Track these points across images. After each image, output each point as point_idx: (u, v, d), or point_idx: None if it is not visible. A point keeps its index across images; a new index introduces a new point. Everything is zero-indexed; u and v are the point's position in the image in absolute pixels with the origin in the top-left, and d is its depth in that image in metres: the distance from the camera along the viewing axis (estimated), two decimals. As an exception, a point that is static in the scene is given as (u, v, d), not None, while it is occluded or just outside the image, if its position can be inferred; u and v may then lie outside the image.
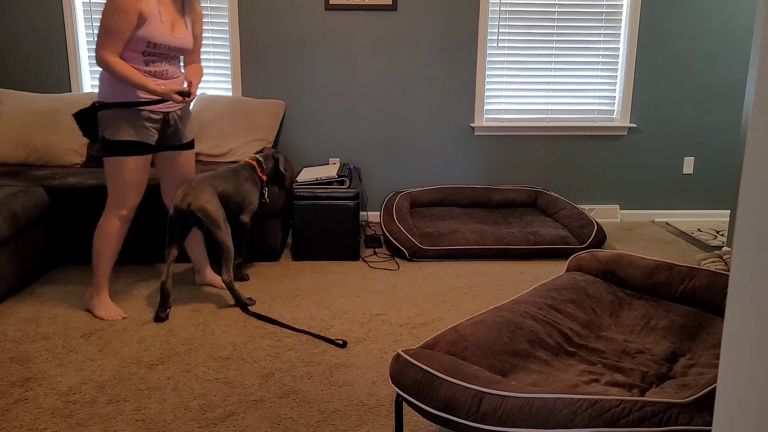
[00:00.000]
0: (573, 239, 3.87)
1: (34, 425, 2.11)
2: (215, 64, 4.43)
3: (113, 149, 2.81)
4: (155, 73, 2.81)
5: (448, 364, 1.80)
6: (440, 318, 2.98)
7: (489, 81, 4.58)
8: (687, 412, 1.56)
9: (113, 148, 2.80)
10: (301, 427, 2.10)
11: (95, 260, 2.96)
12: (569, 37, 4.54)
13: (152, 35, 2.72)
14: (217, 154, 4.14)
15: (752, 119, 0.84)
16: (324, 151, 4.58)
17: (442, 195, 4.53)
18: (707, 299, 2.32)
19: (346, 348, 2.67)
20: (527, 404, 1.62)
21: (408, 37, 4.45)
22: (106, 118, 2.79)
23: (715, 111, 4.68)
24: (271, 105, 4.31)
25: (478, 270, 3.64)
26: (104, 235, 2.92)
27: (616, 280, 2.51)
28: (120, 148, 2.80)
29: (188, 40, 2.87)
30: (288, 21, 4.36)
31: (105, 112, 2.78)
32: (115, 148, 2.80)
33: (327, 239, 3.76)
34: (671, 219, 4.80)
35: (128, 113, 2.79)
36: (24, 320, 2.91)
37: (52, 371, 2.46)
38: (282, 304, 3.11)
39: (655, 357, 2.00)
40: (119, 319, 2.93)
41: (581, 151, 4.69)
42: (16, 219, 3.09)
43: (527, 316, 2.12)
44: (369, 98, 4.52)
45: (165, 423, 2.13)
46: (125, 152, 2.82)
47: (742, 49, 4.57)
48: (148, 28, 2.70)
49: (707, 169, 4.78)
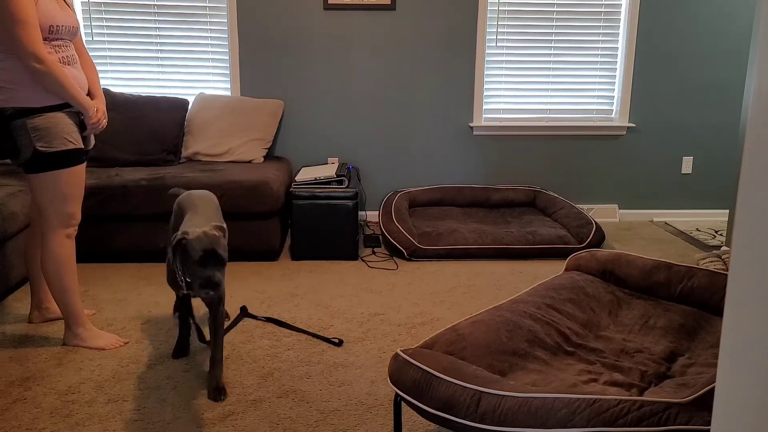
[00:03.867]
0: (572, 239, 3.87)
1: (32, 425, 2.11)
2: (214, 63, 4.43)
3: (51, 162, 2.42)
4: (64, 60, 2.44)
5: (447, 364, 1.80)
6: (439, 317, 2.99)
7: (488, 81, 4.58)
8: (686, 411, 1.56)
9: (51, 161, 2.41)
10: (300, 427, 2.10)
11: (62, 296, 2.58)
12: (568, 37, 4.54)
13: (51, 16, 2.36)
14: (215, 154, 4.14)
15: (751, 119, 0.84)
16: (323, 150, 4.58)
17: (441, 195, 4.53)
18: (706, 299, 2.32)
19: (344, 348, 2.67)
20: (526, 404, 1.62)
21: (407, 37, 4.45)
22: (37, 126, 2.37)
23: (714, 111, 4.68)
24: (269, 104, 4.31)
25: (476, 270, 3.64)
26: (62, 261, 2.54)
27: (615, 279, 2.51)
28: (60, 159, 2.43)
29: (76, 19, 2.54)
30: (287, 20, 4.36)
31: (32, 119, 2.37)
32: (55, 160, 2.42)
33: (326, 239, 3.76)
34: (670, 218, 4.80)
35: (63, 117, 2.43)
36: (23, 320, 2.91)
37: (50, 371, 2.45)
38: (281, 304, 3.11)
39: (654, 356, 2.00)
40: (122, 344, 2.67)
41: (580, 150, 4.70)
42: (15, 218, 3.08)
43: (526, 315, 2.12)
44: (368, 98, 4.52)
45: (164, 423, 2.13)
46: (67, 163, 2.45)
47: (741, 49, 4.57)
48: (45, 8, 2.34)
49: (706, 169, 4.78)
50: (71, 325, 2.64)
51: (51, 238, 2.53)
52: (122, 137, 3.93)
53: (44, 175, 2.43)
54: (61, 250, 2.54)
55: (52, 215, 2.50)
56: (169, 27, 4.34)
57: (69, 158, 2.46)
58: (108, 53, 4.34)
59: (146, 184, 3.56)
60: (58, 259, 2.54)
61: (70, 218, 2.55)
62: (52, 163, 2.43)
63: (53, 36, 2.39)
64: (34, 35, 2.28)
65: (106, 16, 4.29)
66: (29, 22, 2.27)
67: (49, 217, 2.50)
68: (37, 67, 2.31)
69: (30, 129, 2.37)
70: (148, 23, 4.32)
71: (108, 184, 3.54)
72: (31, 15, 2.27)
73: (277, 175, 3.83)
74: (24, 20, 2.25)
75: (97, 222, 3.52)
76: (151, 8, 4.30)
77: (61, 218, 2.52)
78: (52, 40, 2.40)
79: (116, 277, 3.44)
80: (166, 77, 4.42)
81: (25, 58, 2.30)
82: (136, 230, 3.60)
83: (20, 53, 2.29)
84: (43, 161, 2.41)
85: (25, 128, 2.37)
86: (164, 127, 4.03)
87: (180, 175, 3.67)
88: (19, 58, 2.31)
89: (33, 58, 2.29)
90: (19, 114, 2.37)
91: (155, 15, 4.32)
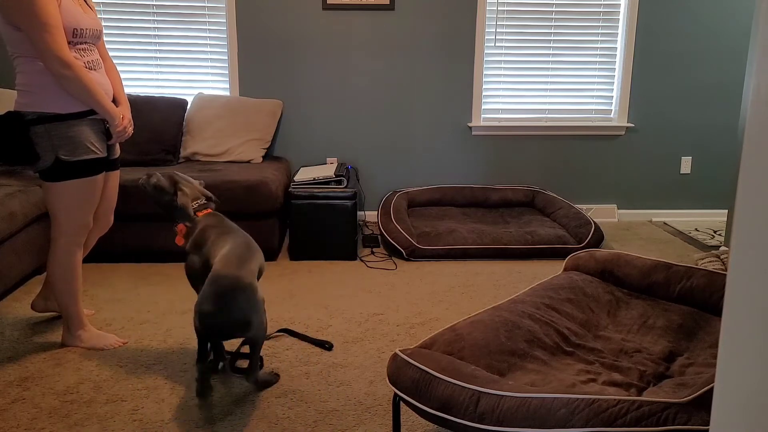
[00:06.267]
0: (570, 239, 3.87)
1: (31, 425, 2.10)
2: (213, 63, 4.43)
3: (72, 171, 2.35)
4: (89, 65, 2.38)
5: (446, 364, 1.80)
6: (438, 317, 2.98)
7: (486, 81, 4.58)
8: (685, 411, 1.56)
9: (72, 170, 2.35)
10: (299, 427, 2.10)
11: (65, 300, 2.55)
12: (567, 37, 4.54)
13: (76, 19, 2.29)
14: (214, 154, 4.14)
15: (750, 119, 0.84)
16: (322, 150, 4.58)
17: (440, 195, 4.53)
18: (705, 299, 2.32)
19: (343, 348, 2.67)
20: (525, 404, 1.62)
21: (406, 37, 4.44)
22: (62, 134, 2.31)
23: (712, 111, 4.69)
24: (268, 104, 4.30)
25: (475, 269, 3.64)
26: (69, 268, 2.51)
27: (614, 279, 2.51)
28: (82, 168, 2.37)
29: (100, 22, 2.48)
30: (286, 20, 4.36)
31: (56, 126, 2.30)
32: (76, 169, 2.36)
33: (324, 239, 3.76)
34: (669, 219, 4.81)
35: (88, 124, 2.37)
36: (22, 319, 2.90)
37: (49, 371, 2.45)
38: (279, 304, 3.11)
39: (653, 356, 2.00)
40: (121, 344, 2.65)
41: (579, 150, 4.70)
42: (14, 218, 3.08)
43: (525, 315, 2.12)
44: (367, 98, 4.52)
45: (162, 423, 2.12)
46: (89, 172, 2.39)
47: (740, 49, 4.58)
48: (70, 12, 2.28)
49: (705, 169, 4.79)
50: (71, 327, 2.62)
51: (60, 245, 2.48)
52: (121, 137, 3.92)
53: (63, 183, 2.37)
54: (70, 258, 2.51)
55: (66, 224, 2.45)
56: (168, 27, 4.34)
57: (90, 167, 2.40)
58: (107, 53, 4.33)
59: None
60: (65, 266, 2.51)
61: (84, 228, 2.50)
62: (73, 172, 2.36)
63: (77, 39, 2.32)
64: (60, 39, 2.21)
65: (105, 16, 4.29)
66: (54, 25, 2.19)
67: (62, 225, 2.45)
68: (64, 73, 2.23)
69: (53, 137, 2.30)
70: (147, 23, 4.32)
71: (107, 184, 3.53)
72: (56, 17, 2.20)
73: (276, 175, 3.83)
74: (49, 23, 2.18)
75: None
76: (150, 8, 4.30)
77: (75, 227, 2.47)
78: (77, 44, 2.32)
79: (115, 277, 3.44)
80: (165, 77, 4.42)
81: (51, 63, 2.21)
82: (135, 230, 3.59)
83: (46, 58, 2.21)
84: (63, 170, 2.34)
85: (48, 135, 2.30)
86: (163, 127, 4.03)
87: (179, 175, 3.66)
88: (45, 63, 2.23)
89: (60, 63, 2.21)
90: (41, 120, 2.28)
91: (154, 15, 4.31)
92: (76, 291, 2.57)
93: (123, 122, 2.47)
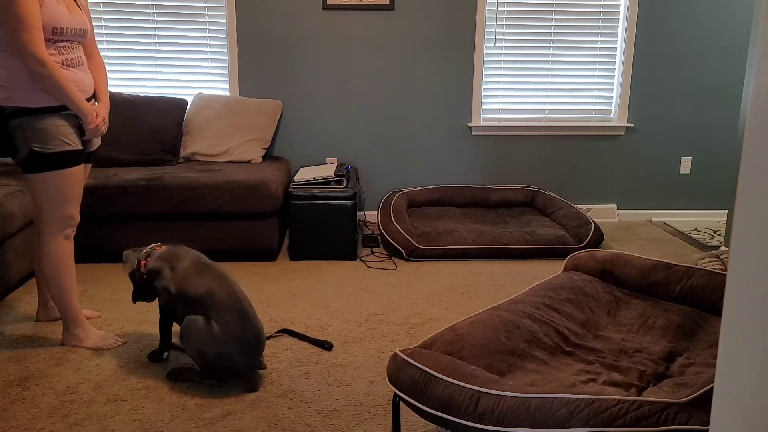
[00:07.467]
0: (570, 239, 3.87)
1: (31, 425, 2.10)
2: (212, 63, 4.42)
3: (48, 163, 2.41)
4: (68, 62, 2.43)
5: (446, 364, 1.80)
6: (437, 317, 2.98)
7: (486, 81, 4.58)
8: (684, 411, 1.56)
9: (48, 162, 2.41)
10: (299, 427, 2.10)
11: (60, 297, 2.58)
12: (567, 37, 4.54)
13: (56, 18, 2.34)
14: (214, 154, 4.14)
15: (750, 119, 0.84)
16: (321, 150, 4.58)
17: (440, 195, 4.53)
18: (704, 299, 2.32)
19: (343, 348, 2.67)
20: (524, 404, 1.62)
21: (405, 37, 4.44)
22: (33, 127, 2.37)
23: (712, 110, 4.69)
24: (268, 105, 4.30)
25: (475, 269, 3.64)
26: (60, 263, 2.53)
27: (614, 279, 2.51)
28: (57, 160, 2.42)
29: (87, 21, 2.52)
30: (285, 20, 4.36)
31: (29, 120, 2.37)
32: (51, 161, 2.41)
33: (324, 239, 3.76)
34: (669, 219, 4.81)
35: (62, 118, 2.43)
36: (21, 319, 2.90)
37: (49, 371, 2.45)
38: (279, 304, 3.11)
39: (653, 356, 2.00)
40: (120, 344, 2.66)
41: (579, 150, 4.70)
42: (14, 218, 3.08)
43: (525, 315, 2.12)
44: (366, 98, 4.52)
45: (162, 422, 2.12)
46: (64, 164, 2.44)
47: (740, 49, 4.58)
48: (50, 10, 2.33)
49: (705, 169, 4.79)
50: (69, 326, 2.63)
51: (49, 240, 2.52)
52: (121, 137, 3.92)
53: (41, 175, 2.43)
54: (60, 252, 2.54)
55: (51, 216, 2.49)
56: (167, 27, 4.34)
57: (66, 159, 2.45)
58: (106, 53, 4.33)
59: (145, 184, 3.55)
60: (56, 261, 2.54)
61: (69, 219, 2.53)
62: (49, 163, 2.42)
63: (57, 38, 2.38)
64: (36, 38, 2.27)
65: (105, 16, 4.29)
66: (32, 24, 2.26)
67: (48, 218, 2.49)
68: (38, 70, 2.31)
69: (26, 129, 2.37)
70: (146, 23, 4.32)
71: (106, 184, 3.53)
72: (34, 17, 2.26)
73: (276, 175, 3.83)
74: (28, 22, 2.25)
75: (96, 222, 3.51)
76: (149, 8, 4.30)
77: (60, 219, 2.51)
78: (56, 42, 2.38)
79: (114, 277, 3.44)
80: (165, 77, 4.42)
81: (26, 60, 2.29)
82: (135, 230, 3.59)
83: (21, 55, 2.29)
84: (40, 162, 2.41)
85: (21, 128, 2.38)
86: (163, 127, 4.03)
87: (178, 175, 3.66)
88: (21, 60, 2.30)
89: (34, 61, 2.28)
90: (17, 114, 2.37)
91: (154, 15, 4.31)
92: (70, 287, 2.59)
93: (96, 120, 2.52)
